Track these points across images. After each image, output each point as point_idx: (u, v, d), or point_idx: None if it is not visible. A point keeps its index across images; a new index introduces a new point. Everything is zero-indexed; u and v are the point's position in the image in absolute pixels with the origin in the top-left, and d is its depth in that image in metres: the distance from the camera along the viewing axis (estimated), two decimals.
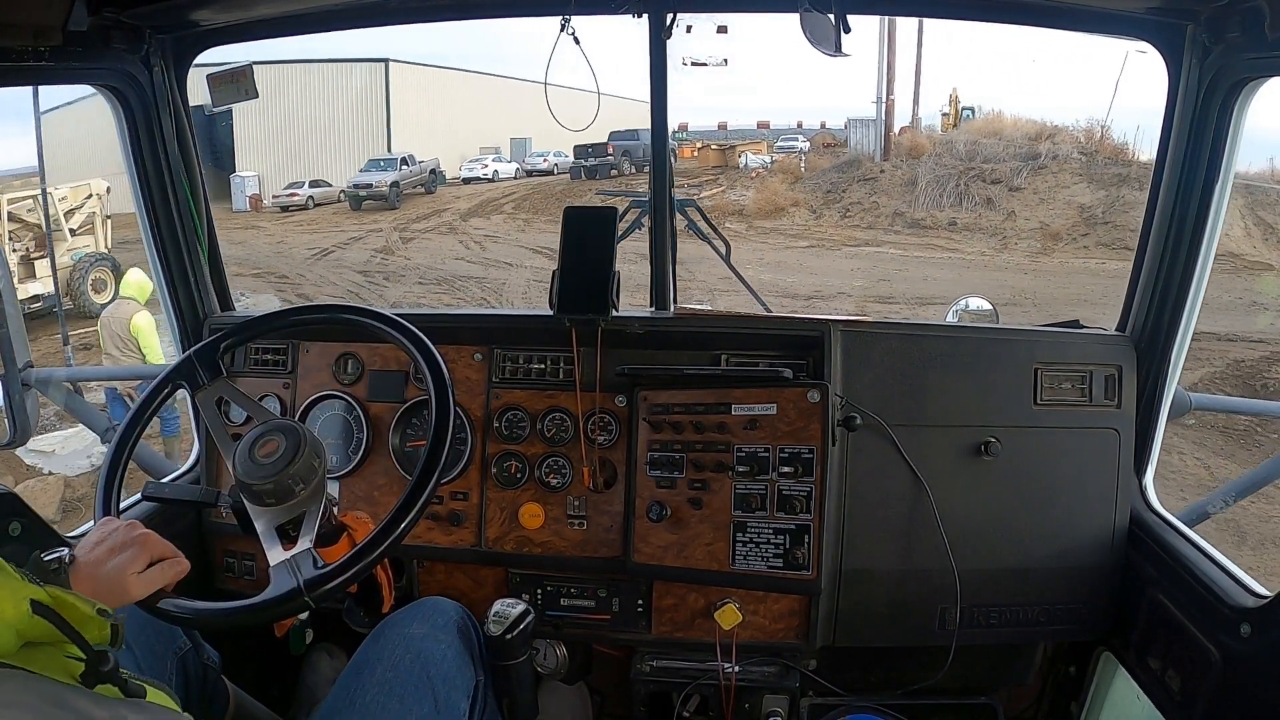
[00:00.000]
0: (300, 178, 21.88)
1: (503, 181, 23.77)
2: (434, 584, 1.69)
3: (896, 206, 17.16)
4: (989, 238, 15.40)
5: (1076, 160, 16.44)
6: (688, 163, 22.54)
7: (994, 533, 1.58)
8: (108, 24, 1.47)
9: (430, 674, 1.18)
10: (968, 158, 17.23)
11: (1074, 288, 12.40)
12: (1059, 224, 15.29)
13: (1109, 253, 14.12)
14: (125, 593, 1.03)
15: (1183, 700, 1.37)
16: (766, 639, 1.59)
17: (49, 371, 2.16)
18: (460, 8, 1.78)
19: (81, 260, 10.67)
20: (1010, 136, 17.68)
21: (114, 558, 1.03)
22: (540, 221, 17.60)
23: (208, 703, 1.33)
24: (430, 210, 19.22)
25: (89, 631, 0.84)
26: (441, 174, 22.85)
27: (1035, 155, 16.74)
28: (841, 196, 17.78)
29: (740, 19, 1.99)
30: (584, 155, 22.63)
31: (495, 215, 18.70)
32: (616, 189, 19.60)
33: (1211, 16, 1.34)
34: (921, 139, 19.31)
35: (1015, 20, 1.63)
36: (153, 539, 1.07)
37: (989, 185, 16.40)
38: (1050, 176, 16.27)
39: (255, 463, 1.14)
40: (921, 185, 16.86)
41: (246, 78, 1.71)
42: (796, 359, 1.58)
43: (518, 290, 11.98)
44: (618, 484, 1.60)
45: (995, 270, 13.55)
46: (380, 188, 19.89)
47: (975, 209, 16.21)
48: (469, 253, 14.81)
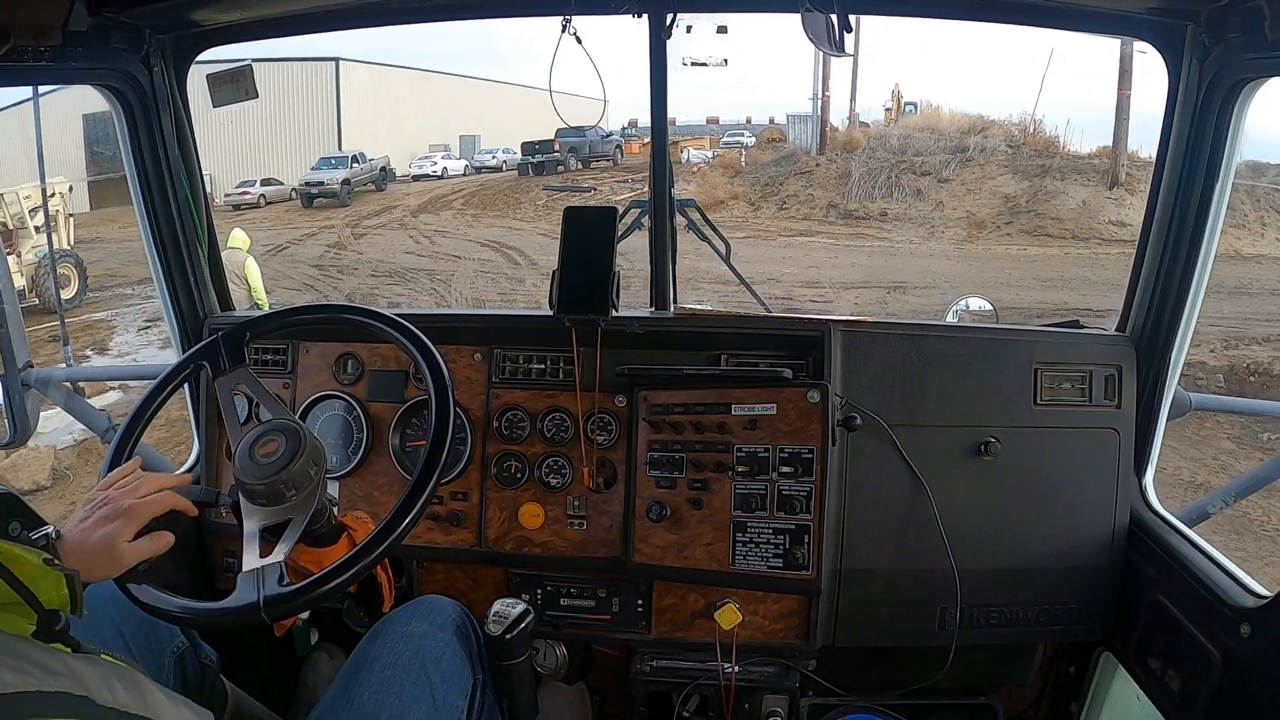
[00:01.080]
0: (252, 176, 21.93)
1: (452, 178, 24.11)
2: (434, 584, 1.69)
3: (831, 198, 17.95)
4: (918, 227, 16.21)
5: (1003, 153, 17.42)
6: (635, 158, 23.08)
7: (994, 533, 1.58)
8: (108, 24, 1.47)
9: (429, 672, 1.18)
10: (900, 151, 18.17)
11: (992, 272, 13.24)
12: (984, 213, 16.27)
13: (1030, 239, 15.26)
14: (117, 562, 1.04)
15: (1183, 700, 1.37)
16: (766, 639, 1.59)
17: (49, 371, 2.16)
18: (460, 8, 1.78)
19: (46, 257, 10.76)
20: (945, 131, 18.59)
21: (101, 529, 1.04)
22: (488, 217, 18.13)
23: (206, 702, 1.32)
24: (381, 207, 19.62)
25: (44, 590, 0.84)
26: (391, 171, 23.17)
27: (964, 148, 17.70)
28: (779, 190, 18.49)
29: (740, 19, 1.98)
30: (531, 152, 23.11)
31: (444, 211, 19.14)
32: (563, 184, 20.22)
33: (1211, 16, 1.34)
34: (856, 134, 20.11)
35: (1015, 20, 1.63)
36: (139, 509, 1.06)
37: (919, 177, 17.37)
38: (978, 168, 17.25)
39: (253, 460, 1.15)
40: (855, 178, 17.74)
41: (246, 77, 1.71)
42: (796, 359, 1.58)
43: (466, 280, 12.54)
44: (618, 484, 1.60)
45: (920, 257, 14.22)
46: (332, 185, 20.10)
47: (905, 200, 17.14)
48: (419, 247, 15.23)
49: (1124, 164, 16.20)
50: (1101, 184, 16.40)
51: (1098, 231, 15.46)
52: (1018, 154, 17.48)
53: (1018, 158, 17.34)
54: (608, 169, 23.43)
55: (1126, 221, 15.29)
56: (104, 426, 2.16)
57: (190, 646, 1.30)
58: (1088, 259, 14.33)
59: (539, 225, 17.28)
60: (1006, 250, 14.87)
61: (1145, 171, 15.17)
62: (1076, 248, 15.06)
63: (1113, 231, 15.35)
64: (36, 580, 0.84)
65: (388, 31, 1.80)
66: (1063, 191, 16.34)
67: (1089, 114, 15.71)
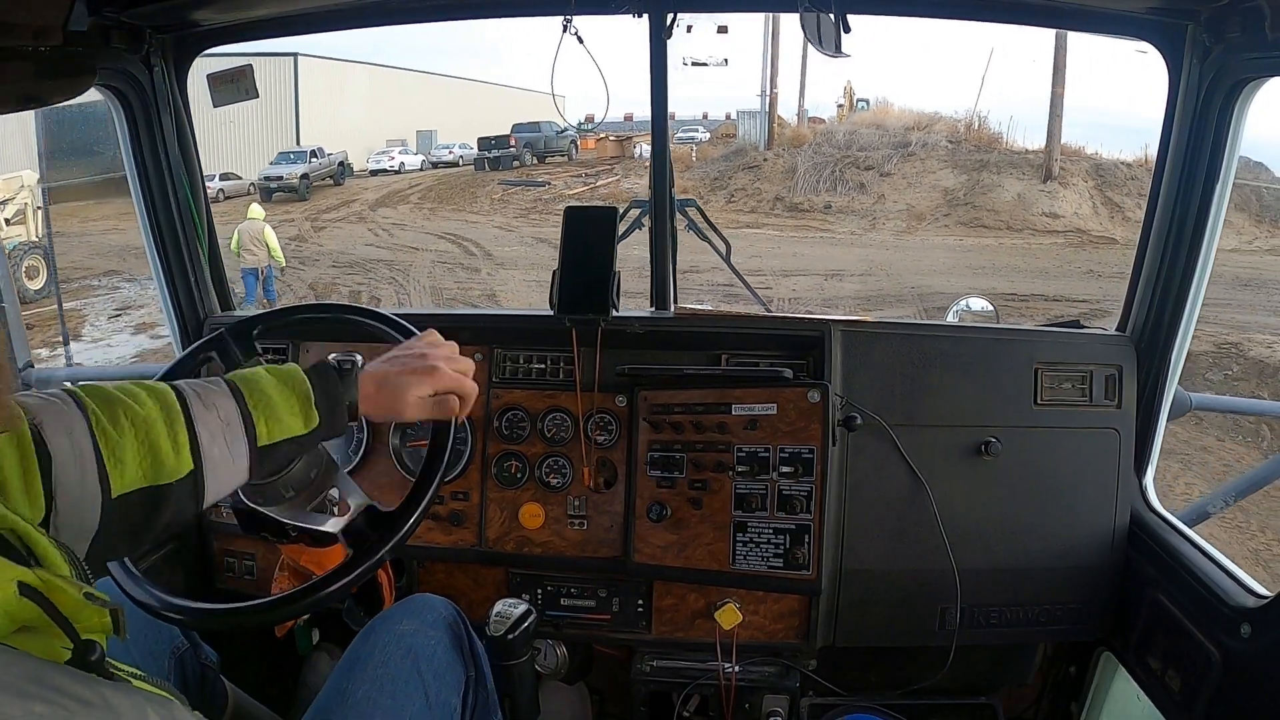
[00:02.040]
0: (210, 170, 21.79)
1: (409, 173, 24.37)
2: (434, 584, 1.69)
3: (778, 192, 18.58)
4: (860, 219, 16.99)
5: (944, 148, 18.17)
6: (589, 153, 23.65)
7: (994, 533, 1.58)
8: (108, 24, 1.47)
9: (421, 670, 1.18)
10: (845, 146, 18.93)
11: (927, 261, 13.80)
12: (924, 205, 17.00)
13: (967, 230, 15.97)
14: (399, 409, 1.08)
15: (1183, 700, 1.37)
16: (766, 639, 1.59)
17: (49, 371, 2.17)
18: (460, 8, 1.78)
19: (15, 249, 10.98)
20: (891, 127, 19.29)
21: (402, 375, 1.07)
22: (445, 210, 18.67)
23: (206, 702, 1.32)
24: (339, 201, 20.02)
25: (85, 619, 0.84)
26: (349, 166, 23.35)
27: (907, 144, 18.34)
28: (728, 183, 19.09)
29: (740, 19, 1.99)
30: (487, 147, 23.65)
31: (402, 205, 19.58)
32: (518, 179, 20.67)
33: (1212, 16, 1.33)
34: (803, 130, 20.94)
35: (1015, 20, 1.63)
36: (444, 376, 1.09)
37: (863, 171, 18.09)
38: (919, 163, 18.00)
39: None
40: (800, 172, 18.47)
41: (246, 77, 1.71)
42: (796, 359, 1.58)
43: (424, 270, 13.18)
44: (618, 484, 1.60)
45: (860, 247, 14.85)
46: (291, 180, 20.20)
47: (849, 193, 17.89)
48: (378, 239, 15.76)
49: (1057, 158, 16.87)
50: (1036, 178, 17.07)
51: (1031, 223, 16.13)
52: (958, 149, 18.24)
53: (957, 153, 18.11)
54: (563, 164, 23.81)
55: (1059, 213, 16.11)
56: None
57: (190, 647, 1.30)
58: (1020, 249, 14.99)
59: (494, 219, 17.97)
60: (943, 240, 15.53)
61: (1078, 165, 17.02)
62: (1010, 238, 15.71)
63: (1046, 223, 16.07)
64: (76, 611, 0.83)
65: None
66: (999, 185, 17.08)
67: (1036, 110, 17.78)
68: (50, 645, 0.81)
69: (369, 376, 1.07)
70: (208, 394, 1.00)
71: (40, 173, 10.62)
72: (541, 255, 13.94)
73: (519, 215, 18.57)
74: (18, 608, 0.78)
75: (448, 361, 1.11)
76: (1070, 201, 16.44)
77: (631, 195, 18.00)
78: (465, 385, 1.11)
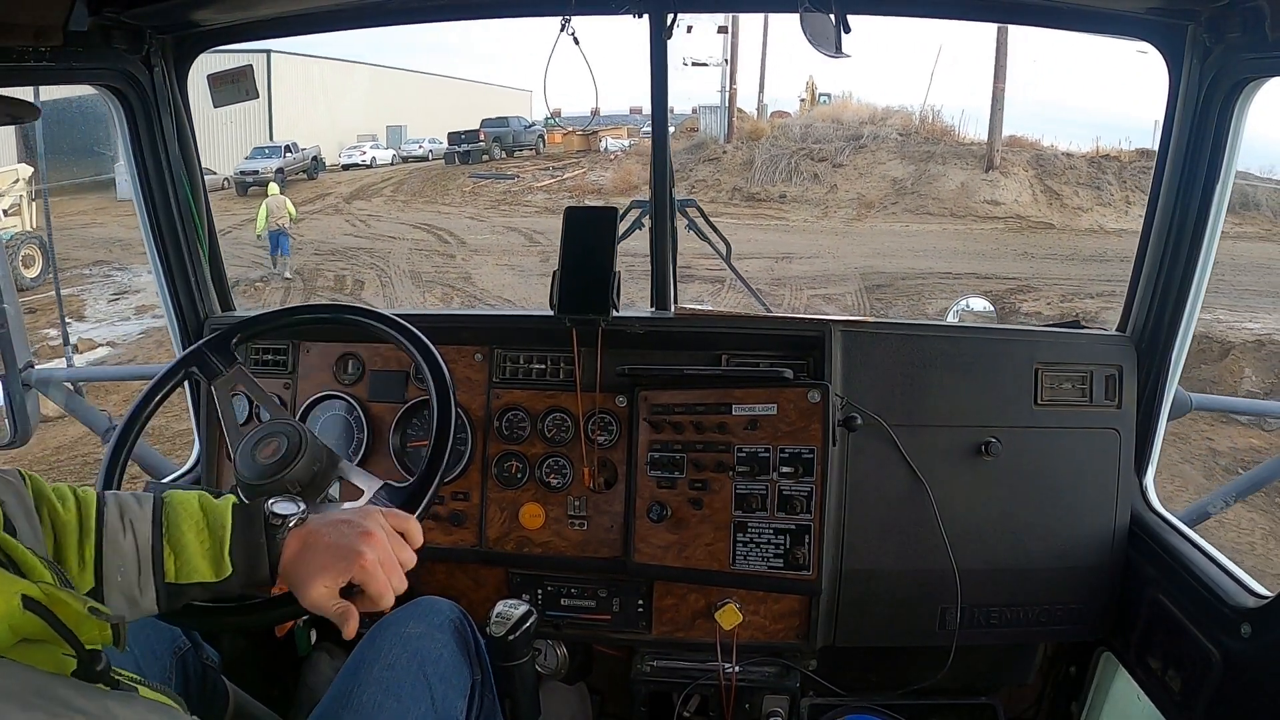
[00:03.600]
0: None
1: (380, 167, 24.88)
2: (434, 584, 1.69)
3: (736, 183, 19.47)
4: (813, 208, 18.09)
5: (894, 140, 19.48)
6: (556, 147, 24.26)
7: (994, 533, 1.58)
8: (108, 24, 1.47)
9: (427, 673, 1.18)
10: (801, 139, 19.92)
11: (873, 245, 14.73)
12: (873, 194, 18.10)
13: (913, 217, 17.01)
14: (302, 590, 0.97)
15: (1183, 700, 1.37)
16: (767, 639, 1.59)
17: (49, 371, 2.17)
18: (460, 8, 1.78)
19: (13, 239, 11.46)
20: (847, 121, 20.28)
21: (326, 550, 0.97)
22: (418, 202, 19.43)
23: (207, 703, 1.32)
24: (315, 194, 20.68)
25: (86, 630, 0.83)
26: (322, 161, 23.74)
27: (859, 136, 19.48)
28: (689, 175, 19.79)
29: (740, 19, 1.99)
30: (458, 141, 24.23)
31: (376, 198, 20.32)
32: (488, 172, 21.45)
33: (1212, 16, 1.33)
34: (762, 124, 21.88)
35: (1015, 20, 1.63)
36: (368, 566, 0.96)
37: (817, 163, 19.35)
38: (870, 154, 19.13)
39: (254, 461, 1.15)
40: (758, 164, 19.44)
41: (247, 78, 1.71)
42: (797, 359, 1.58)
43: (403, 257, 13.89)
44: (618, 484, 1.60)
45: (812, 234, 15.78)
46: (266, 174, 20.43)
47: (803, 183, 18.99)
48: (355, 230, 16.46)
49: (999, 149, 18.11)
50: (980, 168, 18.15)
51: (973, 210, 17.25)
52: (907, 141, 19.30)
53: (906, 145, 19.17)
54: (530, 158, 24.45)
55: (1000, 200, 17.29)
56: (104, 427, 2.17)
57: (192, 647, 1.30)
58: (962, 233, 15.96)
59: (466, 210, 18.77)
60: (890, 227, 16.50)
61: (1020, 155, 18.17)
62: (953, 224, 16.74)
63: (987, 209, 17.23)
64: (79, 624, 0.83)
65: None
66: (944, 174, 18.18)
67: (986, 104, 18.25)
68: (54, 656, 0.81)
69: (296, 535, 0.98)
70: (130, 514, 0.96)
71: (41, 169, 11.02)
72: (512, 243, 14.83)
73: (489, 206, 19.25)
74: (21, 620, 0.78)
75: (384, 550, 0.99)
76: (1011, 190, 17.57)
77: (597, 187, 19.31)
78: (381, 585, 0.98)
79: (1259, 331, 9.05)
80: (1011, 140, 18.71)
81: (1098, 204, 17.11)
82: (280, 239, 13.30)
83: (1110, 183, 17.37)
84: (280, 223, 13.29)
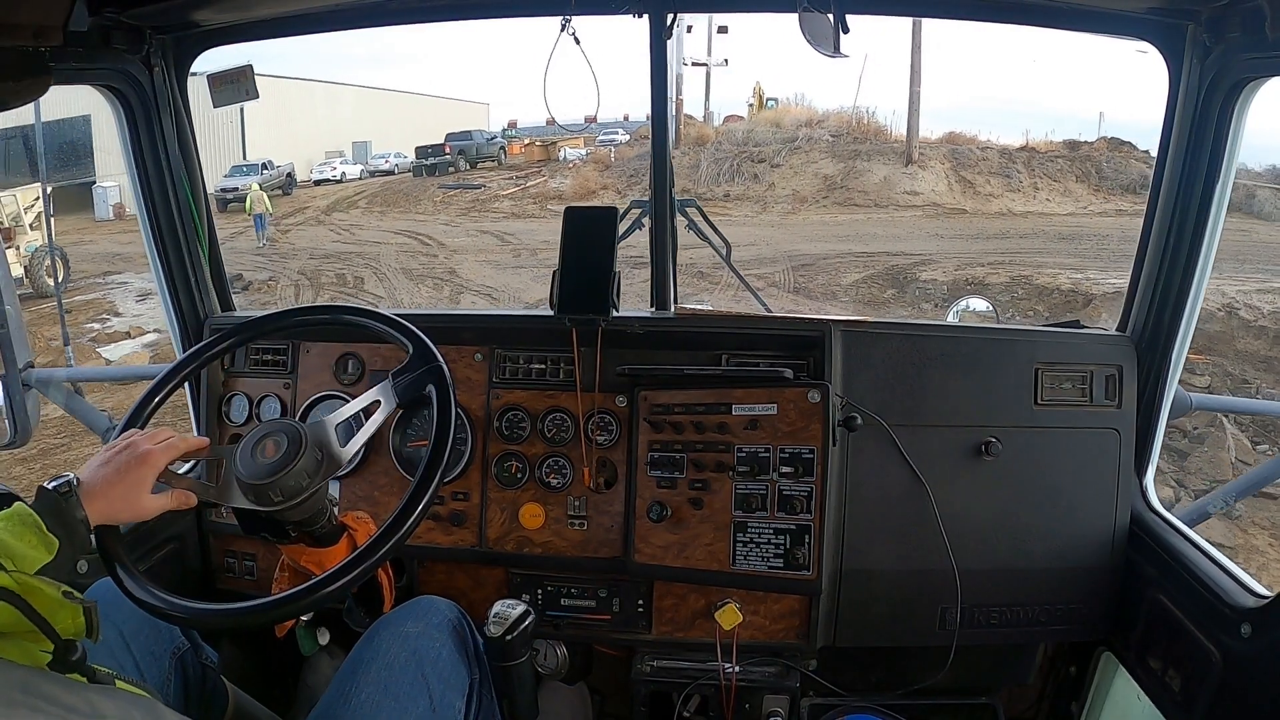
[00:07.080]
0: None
1: (350, 182, 25.92)
2: (434, 584, 1.68)
3: (684, 184, 20.44)
4: (753, 204, 19.63)
5: (826, 141, 21.10)
6: (516, 158, 25.55)
7: (994, 533, 1.58)
8: (108, 24, 1.47)
9: (425, 672, 1.18)
10: (743, 143, 21.56)
11: (803, 233, 16.37)
12: (807, 190, 19.99)
13: (841, 209, 18.88)
14: (139, 511, 1.07)
15: (1183, 700, 1.37)
16: (767, 639, 1.58)
17: (49, 372, 2.16)
18: (460, 8, 1.79)
19: (37, 251, 12.32)
20: (787, 124, 22.06)
21: (125, 477, 1.05)
22: (394, 213, 20.92)
23: (207, 703, 1.32)
24: (294, 209, 22.04)
25: (60, 620, 0.84)
26: (294, 178, 24.69)
27: (795, 139, 21.23)
28: (642, 180, 20.98)
29: (739, 19, 2.00)
30: (425, 155, 25.51)
31: (353, 210, 21.75)
32: (456, 183, 22.83)
33: (1212, 16, 1.33)
34: (707, 129, 23.24)
35: (1015, 20, 1.63)
36: (155, 453, 1.08)
37: (756, 164, 20.77)
38: (804, 155, 20.87)
39: (254, 461, 1.14)
40: (704, 166, 20.98)
41: (247, 78, 1.71)
42: (797, 359, 1.58)
43: (391, 257, 15.20)
44: (618, 484, 1.60)
45: (751, 227, 16.86)
46: (245, 190, 21.34)
47: (744, 183, 20.54)
48: (341, 238, 17.91)
49: (916, 145, 20.00)
50: (900, 163, 19.98)
51: (894, 200, 19.08)
52: (838, 141, 21.15)
53: (837, 145, 21.01)
54: (494, 168, 25.44)
55: (918, 190, 19.22)
56: (104, 427, 2.16)
57: (191, 647, 1.30)
58: (884, 220, 17.73)
59: (440, 217, 20.14)
60: (821, 218, 18.31)
61: (936, 150, 20.12)
62: (877, 213, 18.54)
63: (907, 199, 19.07)
64: (54, 611, 0.83)
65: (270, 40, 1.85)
66: (869, 170, 19.99)
67: (930, 102, 21.28)
68: (28, 650, 0.81)
69: (88, 489, 1.04)
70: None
71: (44, 191, 11.40)
72: (486, 243, 16.42)
73: (460, 214, 20.62)
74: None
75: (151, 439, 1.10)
76: (928, 181, 19.47)
77: (558, 193, 20.69)
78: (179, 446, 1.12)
79: (1120, 285, 10.25)
80: (951, 136, 20.75)
81: (1007, 190, 19.13)
82: (262, 219, 17.47)
83: (1019, 171, 19.39)
84: (260, 210, 17.39)
